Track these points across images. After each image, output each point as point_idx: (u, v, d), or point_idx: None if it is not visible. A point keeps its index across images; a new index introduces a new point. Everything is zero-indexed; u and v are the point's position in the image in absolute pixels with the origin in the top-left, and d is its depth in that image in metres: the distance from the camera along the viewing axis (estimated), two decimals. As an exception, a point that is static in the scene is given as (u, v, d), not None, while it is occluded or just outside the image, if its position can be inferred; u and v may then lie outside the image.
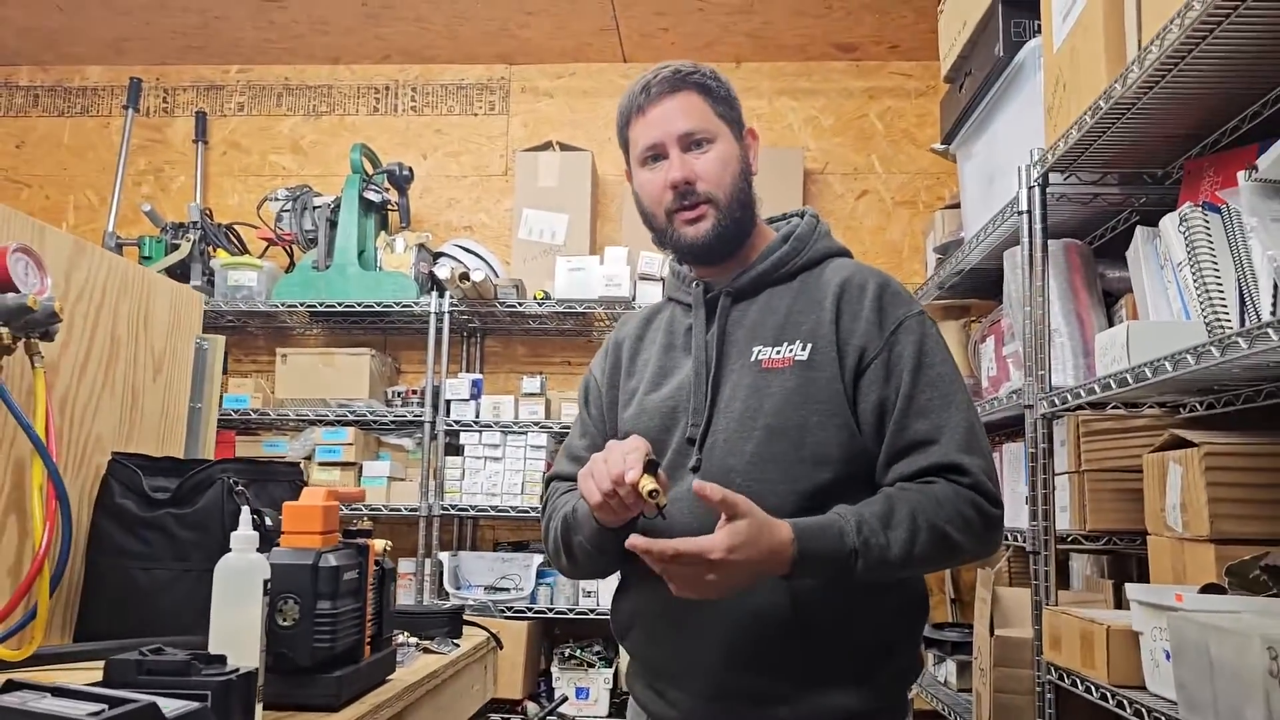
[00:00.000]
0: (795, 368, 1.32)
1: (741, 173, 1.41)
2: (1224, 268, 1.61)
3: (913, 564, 1.23)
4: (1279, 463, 1.69)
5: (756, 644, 1.28)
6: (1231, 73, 1.60)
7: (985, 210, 2.49)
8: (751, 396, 1.33)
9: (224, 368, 3.84)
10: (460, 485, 3.59)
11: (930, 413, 1.29)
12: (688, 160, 1.37)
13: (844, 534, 1.18)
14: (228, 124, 4.25)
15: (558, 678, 3.45)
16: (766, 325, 1.38)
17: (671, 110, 1.38)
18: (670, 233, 1.40)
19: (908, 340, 1.33)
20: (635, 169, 1.44)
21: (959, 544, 1.25)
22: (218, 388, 2.28)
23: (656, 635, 1.37)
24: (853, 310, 1.35)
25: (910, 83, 4.04)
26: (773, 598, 1.26)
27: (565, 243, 3.78)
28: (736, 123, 1.44)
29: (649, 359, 1.48)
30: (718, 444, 1.33)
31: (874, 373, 1.31)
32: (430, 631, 1.87)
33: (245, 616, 1.21)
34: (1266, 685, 1.20)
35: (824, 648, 1.27)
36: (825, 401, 1.30)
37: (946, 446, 1.27)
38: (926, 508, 1.23)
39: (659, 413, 1.40)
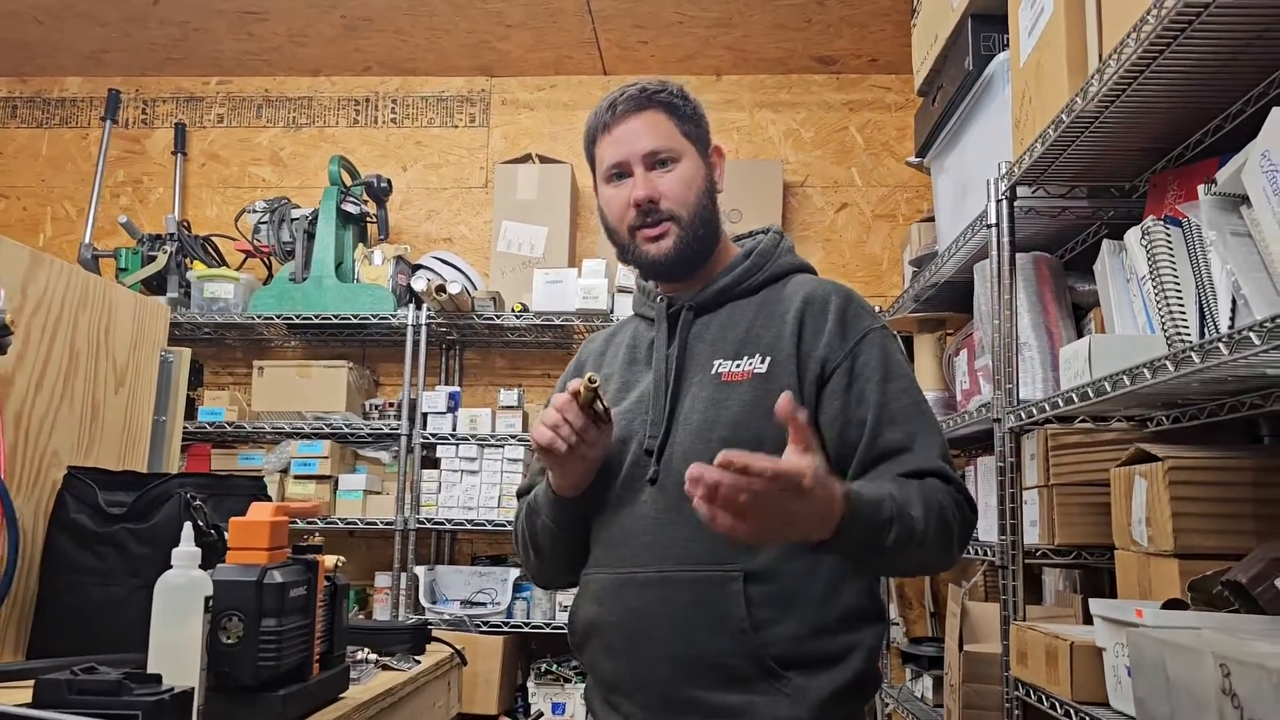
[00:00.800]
0: (753, 380, 1.34)
1: (705, 191, 1.43)
2: (1185, 281, 1.60)
3: (925, 546, 1.21)
4: (1242, 476, 1.68)
5: (710, 657, 1.27)
6: (1192, 86, 1.59)
7: (958, 223, 2.48)
8: (710, 409, 1.34)
9: (200, 380, 3.83)
10: (437, 499, 3.57)
11: (901, 422, 1.30)
12: (651, 179, 1.38)
13: (881, 502, 1.16)
14: (207, 136, 4.24)
15: (534, 693, 3.42)
16: (727, 339, 1.39)
17: (636, 129, 1.40)
18: (633, 249, 1.42)
19: (872, 352, 1.34)
20: (601, 185, 1.45)
21: (953, 537, 1.26)
22: (183, 400, 2.26)
23: (612, 648, 1.37)
24: (815, 324, 1.36)
25: (890, 96, 4.04)
26: (727, 610, 1.27)
27: (544, 255, 3.78)
28: (702, 140, 1.45)
29: (612, 373, 1.49)
30: (675, 455, 1.34)
31: (836, 382, 1.33)
32: (391, 648, 1.86)
33: (185, 634, 1.19)
34: (1219, 703, 1.19)
35: (778, 660, 1.27)
36: None
37: (922, 453, 1.28)
38: (930, 493, 1.24)
39: (617, 425, 1.40)
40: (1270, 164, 1.38)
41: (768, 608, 1.28)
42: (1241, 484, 1.68)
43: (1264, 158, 1.39)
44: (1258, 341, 1.15)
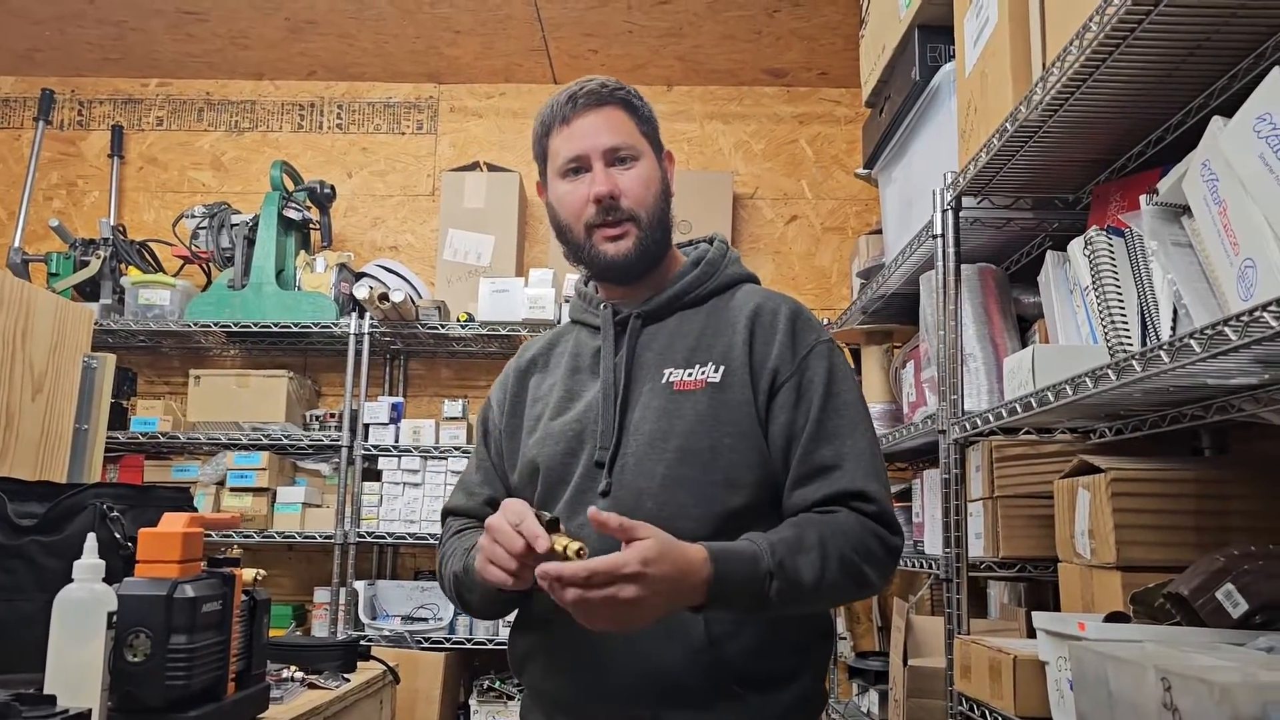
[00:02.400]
0: (707, 390, 1.31)
1: (662, 193, 1.40)
2: (1127, 291, 1.60)
3: (822, 592, 1.20)
4: (1184, 488, 1.68)
5: (667, 674, 1.24)
6: (1134, 96, 1.59)
7: (904, 234, 2.47)
8: (662, 418, 1.31)
9: (133, 390, 3.72)
10: (378, 512, 3.49)
11: (836, 438, 1.29)
12: (612, 175, 1.35)
13: (758, 556, 1.15)
14: (145, 139, 4.13)
15: (476, 710, 3.35)
16: (677, 348, 1.36)
17: (597, 123, 1.36)
18: (589, 248, 1.37)
19: (819, 366, 1.33)
20: (553, 180, 1.40)
21: (866, 574, 1.24)
22: (106, 408, 2.17)
23: (558, 666, 1.32)
24: (766, 335, 1.35)
25: (840, 109, 4.05)
26: (684, 626, 1.23)
27: (491, 264, 3.72)
28: (657, 143, 1.43)
29: (554, 384, 1.44)
30: (628, 466, 1.30)
31: (785, 395, 1.31)
32: (320, 665, 1.79)
33: (86, 652, 1.12)
34: (1161, 717, 1.17)
35: (734, 677, 1.25)
36: (737, 424, 1.29)
37: (851, 473, 1.27)
38: (834, 536, 1.21)
39: (564, 437, 1.36)
40: (1210, 173, 1.37)
41: (725, 623, 1.25)
42: (1183, 496, 1.67)
43: (1204, 167, 1.39)
44: (1198, 349, 1.14)
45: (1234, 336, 1.06)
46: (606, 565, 1.04)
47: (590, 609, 1.05)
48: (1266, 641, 1.37)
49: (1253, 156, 1.26)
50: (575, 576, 1.03)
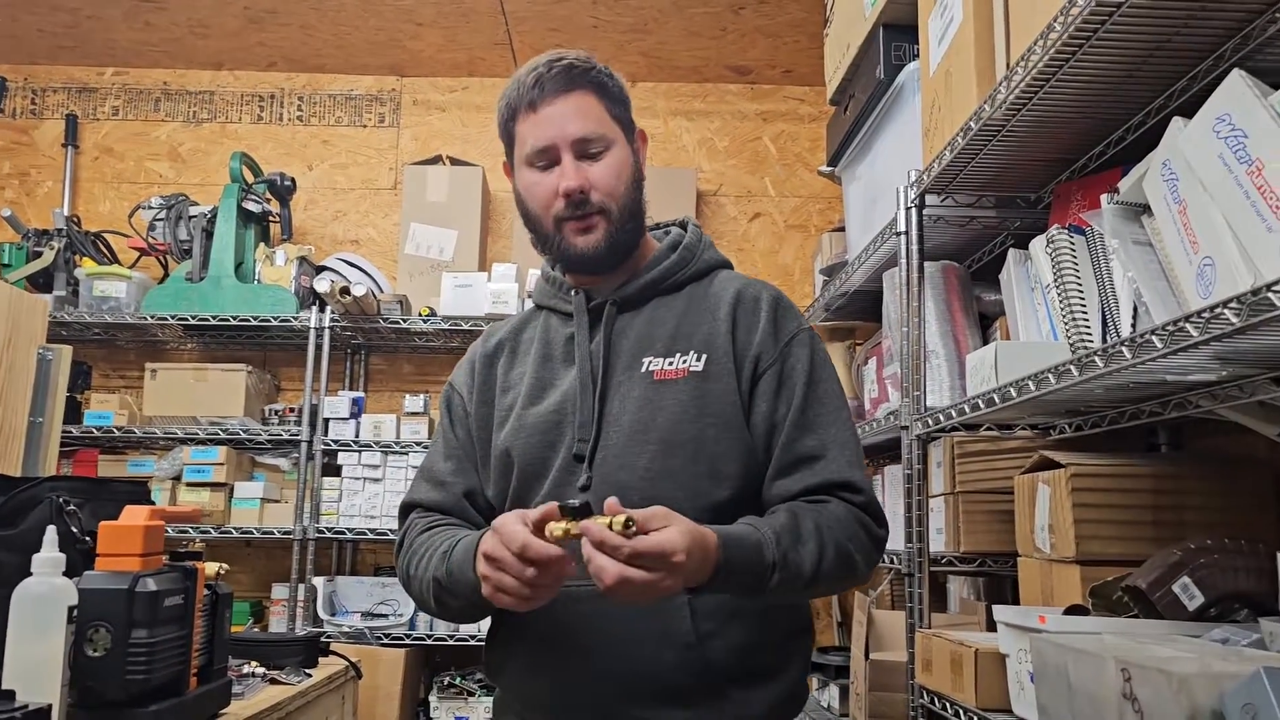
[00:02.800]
0: (690, 379, 1.28)
1: (634, 180, 1.35)
2: (1088, 289, 1.62)
3: (818, 582, 1.18)
4: (1142, 484, 1.71)
5: (652, 673, 1.21)
6: (1096, 96, 1.62)
7: (867, 232, 2.50)
8: (643, 409, 1.27)
9: (87, 383, 3.65)
10: (338, 507, 3.46)
11: (819, 428, 1.27)
12: (581, 168, 1.29)
13: (763, 545, 1.13)
14: (101, 128, 4.05)
15: (436, 707, 3.33)
16: (655, 336, 1.32)
17: (566, 111, 1.29)
18: (558, 241, 1.32)
19: (801, 354, 1.31)
20: (520, 168, 1.34)
21: (857, 564, 1.23)
22: (62, 401, 2.13)
23: (539, 667, 1.27)
24: (748, 322, 1.32)
25: (803, 107, 4.07)
26: (671, 624, 1.21)
27: (454, 259, 3.69)
28: (628, 124, 1.37)
29: (524, 372, 1.38)
30: (609, 459, 1.26)
31: (766, 383, 1.29)
32: (281, 661, 1.77)
33: (45, 647, 1.10)
34: (1120, 708, 1.19)
35: (721, 674, 1.22)
36: (721, 414, 1.26)
37: (835, 462, 1.25)
38: (829, 526, 1.20)
39: (540, 428, 1.31)
40: (1170, 173, 1.40)
41: (712, 620, 1.22)
42: (1141, 491, 1.71)
43: (1164, 167, 1.41)
44: (1160, 345, 1.16)
45: (1195, 333, 1.09)
46: (657, 549, 1.00)
47: (623, 585, 1.00)
48: (1221, 633, 1.40)
49: (1212, 157, 1.29)
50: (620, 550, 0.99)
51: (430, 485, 1.39)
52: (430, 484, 1.40)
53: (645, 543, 1.00)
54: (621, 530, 0.99)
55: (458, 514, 1.35)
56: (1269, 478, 1.73)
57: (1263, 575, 1.49)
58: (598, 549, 1.00)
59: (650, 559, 1.00)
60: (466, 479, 1.38)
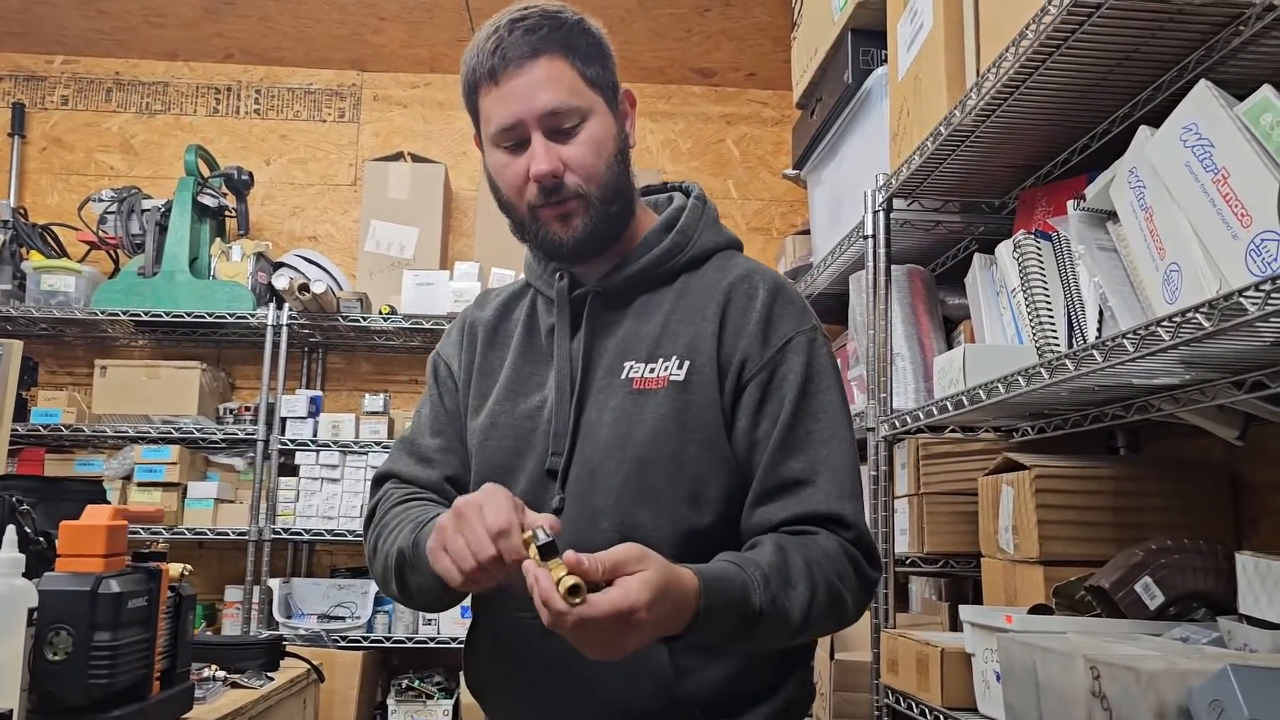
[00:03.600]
0: (670, 389, 1.13)
1: (617, 154, 1.18)
2: (1054, 293, 1.64)
3: (804, 629, 1.05)
4: (1104, 485, 1.74)
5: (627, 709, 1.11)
6: (1066, 103, 1.64)
7: (833, 235, 2.51)
8: (620, 421, 1.14)
9: (34, 380, 3.55)
10: (295, 508, 3.40)
11: (809, 448, 1.12)
12: (553, 148, 1.13)
13: (749, 589, 0.99)
14: (49, 118, 3.95)
15: (394, 710, 3.29)
16: (640, 336, 1.18)
17: (532, 81, 1.12)
18: (535, 229, 1.18)
19: (794, 361, 1.15)
20: (488, 147, 1.19)
21: (848, 607, 1.09)
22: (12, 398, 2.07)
23: (517, 696, 1.18)
24: (738, 321, 1.16)
25: (766, 111, 4.09)
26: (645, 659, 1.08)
27: (415, 256, 3.65)
28: (609, 86, 1.19)
29: (504, 358, 1.26)
30: (582, 477, 1.13)
31: (750, 395, 1.14)
32: (241, 664, 1.74)
33: (3, 650, 1.07)
34: (1089, 705, 1.21)
35: (704, 708, 1.11)
36: (703, 430, 1.12)
37: (825, 490, 1.10)
38: (819, 562, 1.06)
39: (513, 432, 1.19)
40: (1137, 180, 1.42)
41: (692, 654, 1.10)
42: (1103, 492, 1.74)
43: (1131, 174, 1.44)
44: (1131, 348, 1.17)
45: (1167, 337, 1.10)
46: (611, 612, 0.87)
47: (582, 643, 0.90)
48: (1181, 631, 1.43)
49: (1179, 164, 1.31)
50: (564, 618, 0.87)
51: (413, 459, 1.26)
52: (413, 457, 1.26)
53: (592, 610, 0.86)
54: (565, 596, 0.86)
55: (440, 494, 1.22)
56: (1225, 480, 1.77)
57: (1220, 575, 1.52)
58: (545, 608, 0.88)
59: (603, 623, 0.87)
60: (452, 460, 1.25)
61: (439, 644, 3.32)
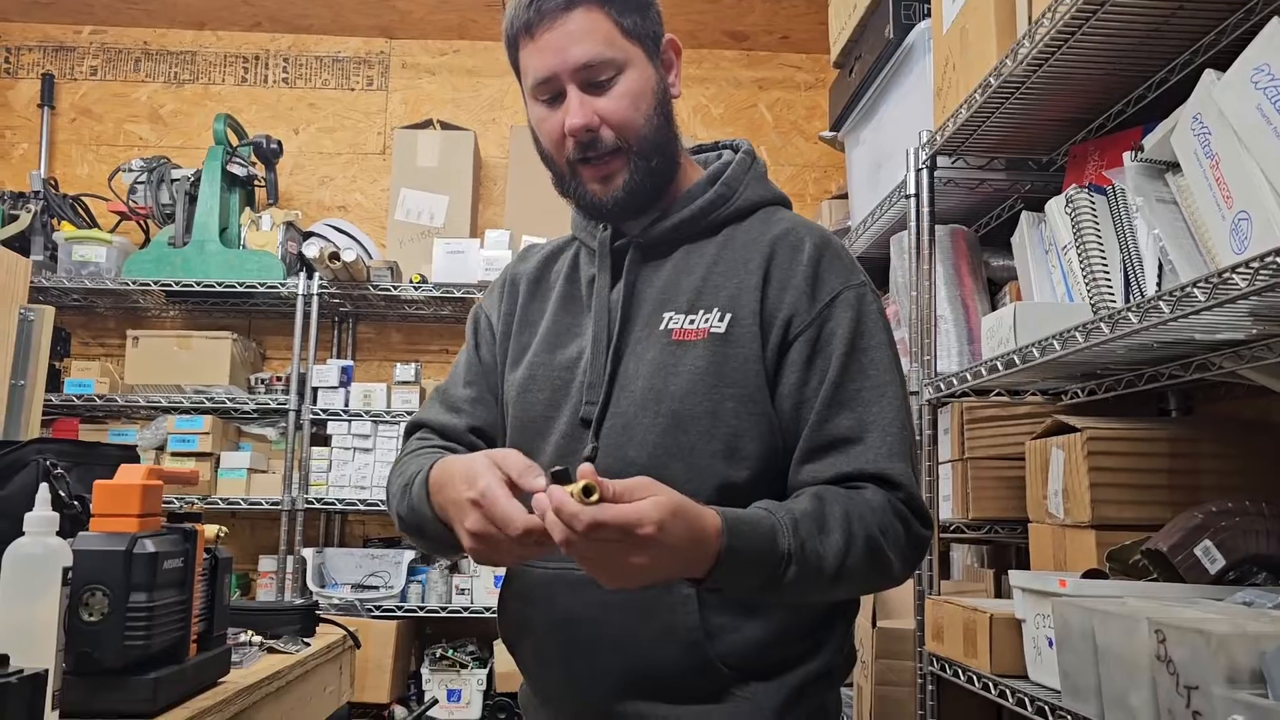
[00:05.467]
0: (709, 342, 1.11)
1: (657, 107, 1.15)
2: (1109, 249, 1.59)
3: (840, 581, 1.02)
4: (1158, 447, 1.68)
5: (655, 669, 1.09)
6: (1123, 50, 1.57)
7: (872, 197, 2.45)
8: (657, 374, 1.12)
9: (67, 350, 3.57)
10: (327, 478, 3.40)
11: (858, 405, 1.09)
12: (588, 101, 1.12)
13: (777, 532, 0.97)
14: (78, 89, 3.94)
15: (428, 679, 3.29)
16: (681, 287, 1.16)
17: (566, 35, 1.11)
18: (575, 185, 1.17)
19: (843, 316, 1.11)
20: (529, 100, 1.18)
21: (890, 563, 1.06)
22: (45, 364, 2.06)
23: (543, 654, 1.17)
24: (783, 276, 1.13)
25: (800, 75, 4.01)
26: (675, 618, 1.08)
27: (445, 225, 3.62)
28: (651, 36, 1.16)
29: (545, 309, 1.25)
30: (617, 429, 1.12)
31: (798, 351, 1.11)
32: (278, 629, 1.72)
33: (39, 610, 1.04)
34: (1153, 669, 1.16)
35: (736, 670, 1.09)
36: (742, 385, 1.10)
37: (874, 449, 1.08)
38: (861, 514, 1.03)
39: (550, 383, 1.18)
40: (1202, 127, 1.36)
41: (725, 613, 1.08)
42: (1157, 455, 1.68)
43: (1195, 121, 1.37)
44: (1202, 298, 1.12)
45: (1242, 284, 1.05)
46: (620, 520, 0.86)
47: (588, 561, 0.89)
48: (1244, 596, 1.37)
49: (1250, 108, 1.25)
50: (577, 519, 0.85)
51: (443, 408, 1.27)
52: (444, 406, 1.27)
53: (605, 513, 0.85)
54: (580, 497, 0.86)
55: (465, 446, 1.22)
56: (1286, 441, 1.71)
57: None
58: (556, 515, 0.86)
59: (612, 530, 0.86)
60: (481, 412, 1.25)
61: (472, 614, 3.32)
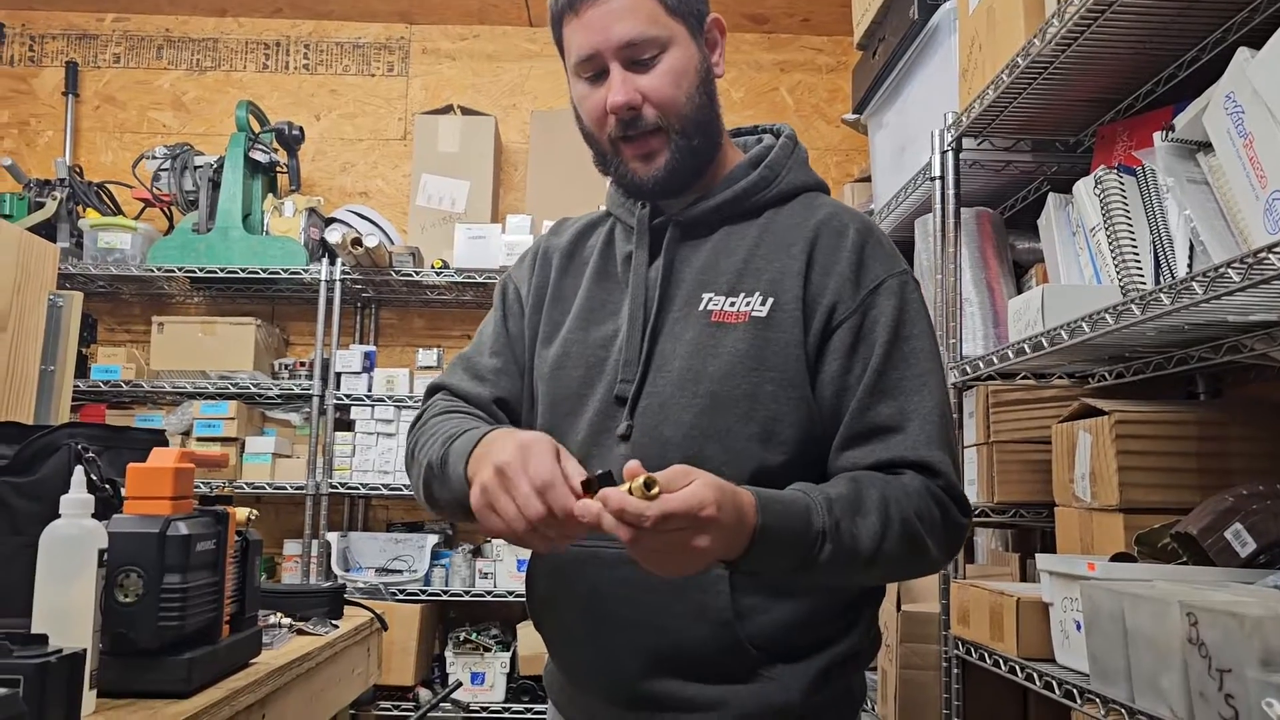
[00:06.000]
0: (750, 325, 1.11)
1: (700, 85, 1.15)
2: (1139, 230, 1.57)
3: (876, 564, 1.02)
4: (1186, 430, 1.67)
5: (685, 649, 1.09)
6: (1154, 28, 1.56)
7: (896, 180, 2.44)
8: (695, 355, 1.12)
9: (93, 336, 3.60)
10: (351, 462, 3.42)
11: (899, 394, 1.10)
12: (630, 80, 1.11)
13: (811, 511, 0.98)
14: (102, 76, 3.96)
15: (452, 662, 3.31)
16: (721, 268, 1.16)
17: (610, 13, 1.11)
18: (616, 164, 1.17)
19: (886, 304, 1.12)
20: (571, 77, 1.18)
21: (927, 547, 1.06)
22: (74, 349, 2.08)
23: (570, 631, 1.17)
24: (827, 261, 1.13)
25: (821, 57, 3.99)
26: (706, 598, 1.08)
27: (466, 210, 3.63)
28: (695, 14, 1.16)
29: (579, 285, 1.24)
30: (651, 408, 1.12)
31: (841, 338, 1.11)
32: (306, 612, 1.73)
33: (75, 591, 1.06)
34: (1185, 652, 1.16)
35: (765, 651, 1.09)
36: (782, 369, 1.10)
37: (914, 437, 1.08)
38: (898, 497, 1.04)
39: (585, 360, 1.18)
40: (1235, 105, 1.34)
41: (755, 595, 1.08)
42: (1185, 438, 1.67)
43: (1228, 100, 1.35)
44: (1237, 278, 1.11)
45: (1278, 263, 1.03)
46: (684, 507, 0.86)
47: (654, 554, 0.89)
48: (1276, 579, 1.36)
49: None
50: (645, 517, 0.85)
51: (467, 374, 1.25)
52: (468, 373, 1.26)
53: (671, 502, 0.86)
54: (643, 494, 0.86)
55: (488, 417, 1.21)
56: (1318, 425, 1.70)
57: (1315, 523, 1.45)
58: (619, 519, 0.86)
59: (680, 518, 0.86)
60: (506, 383, 1.24)
61: (496, 597, 3.34)
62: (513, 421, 1.23)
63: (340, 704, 1.72)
